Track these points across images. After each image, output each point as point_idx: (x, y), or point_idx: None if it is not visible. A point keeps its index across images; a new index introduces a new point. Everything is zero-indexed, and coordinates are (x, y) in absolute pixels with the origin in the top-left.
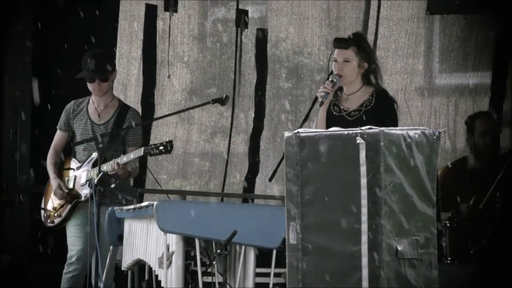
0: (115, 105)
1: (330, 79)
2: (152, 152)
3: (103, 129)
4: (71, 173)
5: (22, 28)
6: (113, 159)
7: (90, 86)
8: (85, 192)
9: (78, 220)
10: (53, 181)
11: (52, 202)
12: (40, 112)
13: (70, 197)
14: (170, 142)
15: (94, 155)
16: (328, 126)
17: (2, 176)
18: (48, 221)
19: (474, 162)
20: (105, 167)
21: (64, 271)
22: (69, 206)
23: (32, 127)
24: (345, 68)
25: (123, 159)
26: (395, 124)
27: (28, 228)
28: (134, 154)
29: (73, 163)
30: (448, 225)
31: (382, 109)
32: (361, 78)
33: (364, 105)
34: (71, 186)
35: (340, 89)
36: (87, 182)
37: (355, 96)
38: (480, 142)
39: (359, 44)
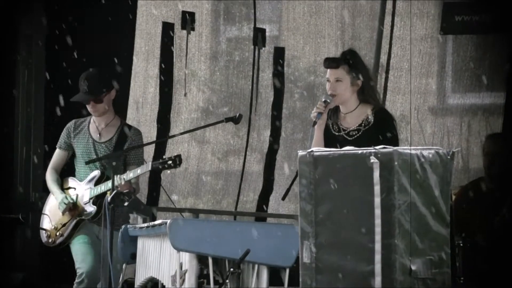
0: (117, 124)
1: (323, 99)
2: (160, 166)
3: (105, 147)
4: (72, 192)
5: (36, 40)
6: (118, 175)
7: (87, 107)
8: (90, 209)
9: (83, 238)
10: (59, 194)
11: (53, 221)
12: (54, 129)
13: (73, 214)
14: (179, 156)
15: (96, 173)
16: (328, 146)
17: (15, 194)
18: (50, 240)
19: (488, 183)
20: (110, 184)
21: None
22: (72, 224)
23: (46, 145)
24: (338, 88)
25: (129, 175)
26: (395, 142)
27: (40, 246)
28: (141, 170)
29: (73, 182)
30: (461, 245)
31: (382, 128)
32: (357, 96)
33: (363, 124)
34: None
35: (337, 109)
36: (91, 200)
37: (353, 115)
38: (486, 163)
39: (349, 62)
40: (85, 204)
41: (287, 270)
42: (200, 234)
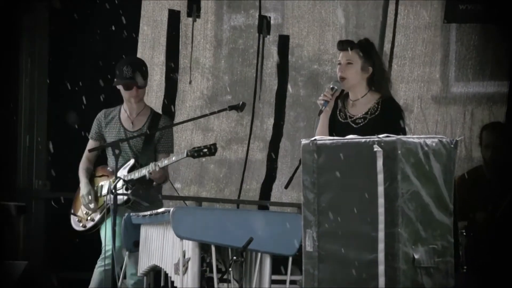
0: (147, 112)
1: (331, 86)
2: (196, 154)
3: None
4: (105, 180)
5: (40, 30)
6: (152, 162)
7: (126, 94)
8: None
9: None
10: (84, 187)
11: (84, 207)
12: (57, 117)
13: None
14: (214, 145)
15: (132, 161)
16: (333, 132)
17: (18, 182)
18: (80, 225)
19: (488, 172)
20: (144, 170)
21: (98, 265)
22: (104, 210)
23: (49, 133)
24: (348, 71)
25: (164, 161)
26: (402, 132)
27: (44, 235)
28: (176, 157)
29: (106, 171)
30: (464, 234)
31: (389, 117)
32: (367, 83)
33: (369, 112)
34: (105, 191)
35: (347, 95)
36: (123, 186)
37: (361, 103)
38: (485, 154)
39: (364, 47)
40: (118, 190)
41: (290, 259)
42: (203, 222)
